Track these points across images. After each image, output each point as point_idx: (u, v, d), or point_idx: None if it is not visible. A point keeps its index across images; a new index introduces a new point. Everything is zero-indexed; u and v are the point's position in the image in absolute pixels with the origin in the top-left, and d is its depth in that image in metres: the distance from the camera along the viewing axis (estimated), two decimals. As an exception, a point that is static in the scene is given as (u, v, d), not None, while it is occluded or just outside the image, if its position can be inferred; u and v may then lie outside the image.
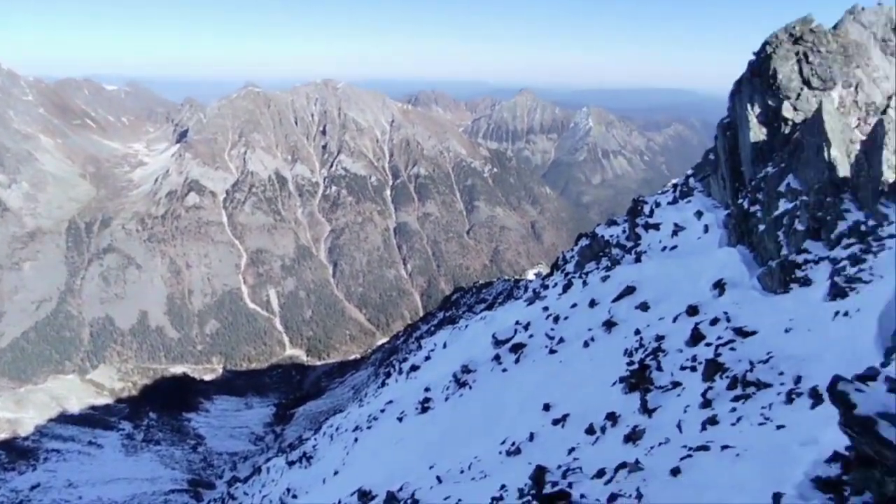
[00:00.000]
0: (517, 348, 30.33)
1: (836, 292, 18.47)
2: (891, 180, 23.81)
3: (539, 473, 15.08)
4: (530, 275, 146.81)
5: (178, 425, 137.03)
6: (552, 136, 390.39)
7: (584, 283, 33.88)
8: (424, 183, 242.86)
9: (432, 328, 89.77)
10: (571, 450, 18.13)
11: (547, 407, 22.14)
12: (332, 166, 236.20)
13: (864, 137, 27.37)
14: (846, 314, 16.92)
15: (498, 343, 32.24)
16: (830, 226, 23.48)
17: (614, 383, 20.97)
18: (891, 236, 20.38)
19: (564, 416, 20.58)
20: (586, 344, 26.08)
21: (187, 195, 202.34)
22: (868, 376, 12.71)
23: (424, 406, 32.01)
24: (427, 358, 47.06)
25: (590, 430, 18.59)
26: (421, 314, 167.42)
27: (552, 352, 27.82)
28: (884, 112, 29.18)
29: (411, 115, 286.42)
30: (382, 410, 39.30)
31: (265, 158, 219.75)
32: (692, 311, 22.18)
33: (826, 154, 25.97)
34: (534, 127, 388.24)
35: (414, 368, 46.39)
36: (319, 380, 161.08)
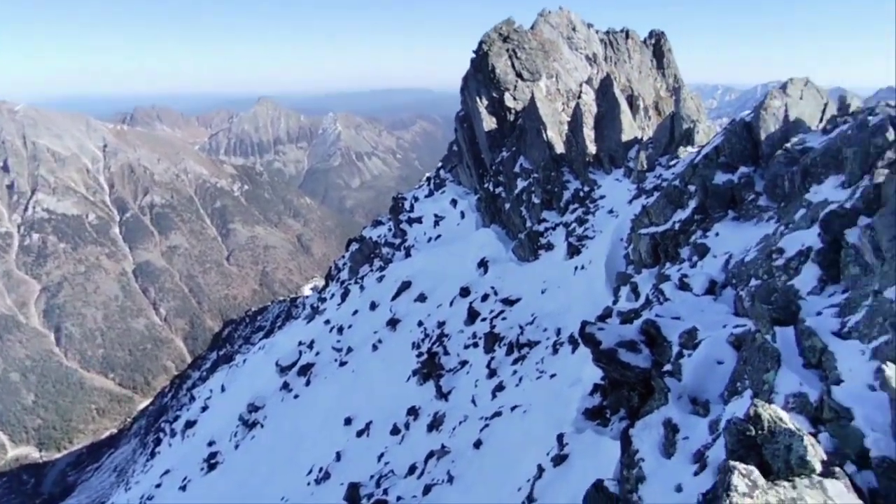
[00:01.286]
0: (305, 370, 29.34)
1: (573, 251, 22.41)
2: (593, 152, 29.84)
3: (352, 491, 14.81)
4: (307, 291, 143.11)
5: None
6: (302, 145, 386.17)
7: (362, 288, 34.52)
8: (163, 212, 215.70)
9: (205, 373, 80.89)
10: (381, 456, 18.30)
11: (349, 421, 21.93)
12: (27, 209, 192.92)
13: (568, 119, 33.64)
14: (583, 268, 20.57)
15: (283, 370, 30.72)
16: (558, 196, 28.37)
17: (409, 378, 21.83)
18: (601, 197, 25.61)
19: (368, 425, 20.66)
20: (375, 347, 26.60)
21: None
22: (605, 315, 15.53)
23: (211, 463, 28.71)
24: (204, 408, 42.28)
25: (395, 431, 19.01)
26: (189, 361, 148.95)
27: (343, 364, 27.67)
28: (579, 97, 36.28)
29: (130, 136, 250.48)
30: (158, 485, 34.00)
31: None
32: (465, 292, 24.44)
33: (544, 136, 31.20)
34: (281, 137, 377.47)
35: (190, 424, 41.20)
36: (65, 475, 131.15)
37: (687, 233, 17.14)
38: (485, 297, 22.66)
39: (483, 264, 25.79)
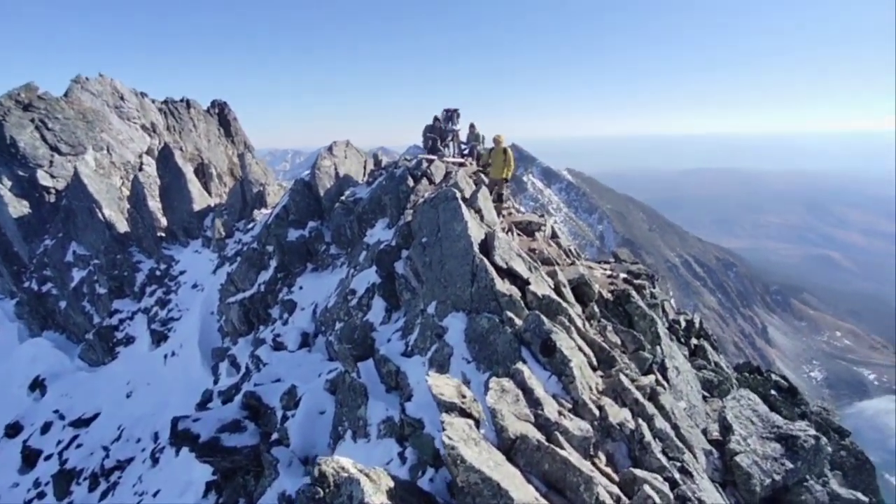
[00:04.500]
0: None
1: (158, 338, 19.73)
2: (165, 225, 27.44)
3: None
4: None
5: None
6: None
7: None
8: None
9: None
10: None
11: None
12: None
13: (129, 194, 30.15)
14: (174, 354, 18.34)
15: None
16: (130, 280, 24.64)
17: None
18: (182, 272, 23.58)
19: None
20: None
21: None
22: (206, 400, 14.07)
23: None
24: None
25: None
26: None
27: None
28: (140, 169, 33.15)
29: None
30: None
31: None
32: (13, 430, 18.19)
33: (100, 215, 26.90)
34: None
35: None
36: None
37: (274, 292, 17.36)
38: (46, 428, 17.57)
39: (38, 385, 20.08)
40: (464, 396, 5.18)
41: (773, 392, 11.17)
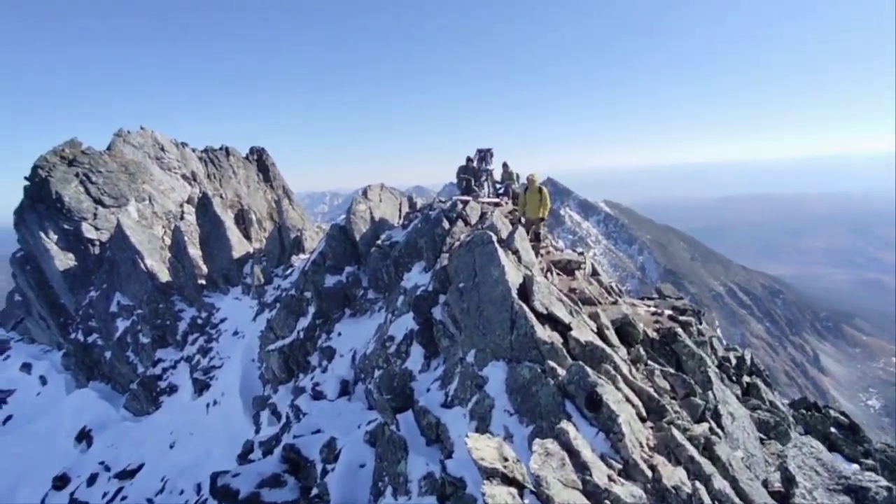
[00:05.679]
0: None
1: (200, 387, 20.20)
2: (206, 273, 28.34)
3: None
4: None
5: None
6: None
7: None
8: None
9: None
10: None
11: None
12: None
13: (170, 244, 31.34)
14: (216, 403, 18.70)
15: None
16: (172, 329, 25.43)
17: None
18: (223, 320, 24.24)
19: None
20: None
21: None
22: (247, 451, 14.26)
23: None
24: None
25: None
26: None
27: None
28: (181, 218, 34.50)
29: None
30: None
31: None
32: (61, 482, 18.72)
33: (143, 265, 28.04)
34: None
35: None
36: None
37: (313, 339, 17.65)
38: (93, 480, 18.01)
39: (84, 436, 20.68)
40: (506, 459, 5.10)
41: (832, 429, 10.73)
